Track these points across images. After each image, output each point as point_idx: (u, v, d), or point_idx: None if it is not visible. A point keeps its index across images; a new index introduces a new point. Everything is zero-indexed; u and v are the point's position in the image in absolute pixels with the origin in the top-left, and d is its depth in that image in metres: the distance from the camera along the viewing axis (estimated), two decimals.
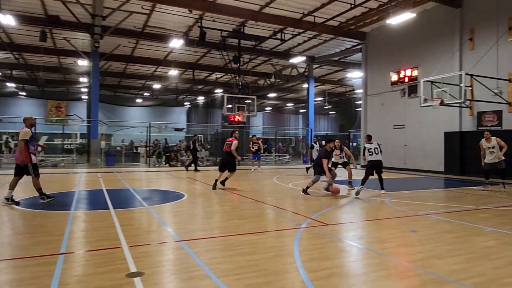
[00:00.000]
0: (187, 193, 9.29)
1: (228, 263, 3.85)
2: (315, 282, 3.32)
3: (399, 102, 18.32)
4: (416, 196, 9.11)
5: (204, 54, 24.28)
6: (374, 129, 19.94)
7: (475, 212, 6.96)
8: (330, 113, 47.63)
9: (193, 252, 4.21)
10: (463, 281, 3.38)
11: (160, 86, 33.72)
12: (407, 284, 3.36)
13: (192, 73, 28.59)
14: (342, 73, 28.63)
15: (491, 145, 9.87)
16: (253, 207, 7.40)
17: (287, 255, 4.15)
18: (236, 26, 19.13)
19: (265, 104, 44.25)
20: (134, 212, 6.87)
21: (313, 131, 25.52)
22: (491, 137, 9.92)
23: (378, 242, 4.80)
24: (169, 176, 14.33)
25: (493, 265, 3.83)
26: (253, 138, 17.75)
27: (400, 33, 17.81)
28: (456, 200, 8.62)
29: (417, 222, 5.99)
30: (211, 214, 6.93)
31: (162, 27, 18.94)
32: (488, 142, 9.87)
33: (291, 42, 20.94)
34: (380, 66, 19.55)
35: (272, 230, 5.57)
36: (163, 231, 5.33)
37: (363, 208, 7.47)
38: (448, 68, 15.17)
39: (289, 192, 10.07)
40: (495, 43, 13.90)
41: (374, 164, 9.37)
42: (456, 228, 5.58)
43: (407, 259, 4.11)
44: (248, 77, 28.32)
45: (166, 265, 3.88)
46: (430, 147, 16.52)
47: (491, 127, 14.17)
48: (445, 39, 15.90)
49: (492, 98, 13.62)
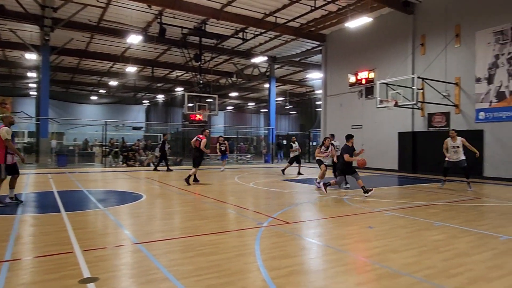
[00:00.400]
0: (145, 194, 9.01)
1: (189, 265, 3.77)
2: (276, 281, 3.33)
3: (357, 103, 18.99)
4: (372, 193, 9.45)
5: (164, 51, 23.73)
6: (333, 129, 20.49)
7: (426, 207, 7.35)
8: (291, 113, 48.40)
9: (152, 254, 4.07)
10: (415, 273, 3.55)
11: (117, 83, 32.42)
12: (364, 279, 3.47)
13: (151, 70, 27.83)
14: (303, 74, 29.18)
15: (456, 144, 9.87)
16: (214, 207, 7.32)
17: (248, 255, 4.13)
18: (197, 24, 18.88)
19: (226, 103, 44.11)
20: (88, 214, 6.55)
21: (274, 131, 25.79)
22: (456, 137, 9.93)
23: (337, 239, 4.92)
24: (126, 177, 13.85)
25: (441, 257, 4.06)
26: (220, 139, 17.73)
27: (358, 37, 18.45)
28: (409, 196, 9.06)
29: (374, 219, 6.22)
30: (170, 215, 6.76)
31: (119, 22, 18.26)
32: (453, 141, 9.88)
33: (253, 42, 21.02)
34: (339, 67, 20.14)
35: (234, 229, 5.54)
36: (120, 234, 5.12)
37: (323, 206, 7.64)
38: (402, 71, 15.93)
39: (251, 191, 10.08)
40: (443, 49, 14.79)
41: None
42: (409, 223, 5.86)
43: (364, 254, 4.25)
44: (209, 75, 28.05)
45: (123, 269, 3.72)
46: (386, 147, 17.28)
47: (440, 127, 15.08)
48: (399, 43, 16.69)
49: (441, 101, 14.49)
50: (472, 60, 13.99)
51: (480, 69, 13.73)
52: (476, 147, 9.98)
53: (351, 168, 9.22)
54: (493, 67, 13.36)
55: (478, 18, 13.75)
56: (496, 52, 13.27)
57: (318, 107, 31.38)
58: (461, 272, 3.60)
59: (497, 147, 13.17)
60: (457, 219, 6.21)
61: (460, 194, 9.49)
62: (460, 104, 14.37)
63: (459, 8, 14.38)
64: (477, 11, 13.80)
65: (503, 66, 13.09)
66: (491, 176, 13.21)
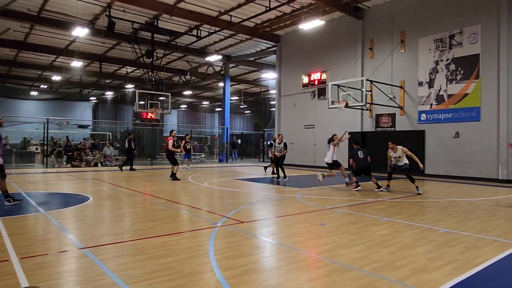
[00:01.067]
0: (92, 195, 8.56)
1: (139, 268, 3.62)
2: (230, 280, 3.31)
3: (310, 103, 19.48)
4: (324, 191, 9.77)
5: (113, 46, 22.70)
6: (287, 128, 20.88)
7: (373, 204, 7.72)
8: (246, 112, 48.58)
9: (99, 259, 3.87)
10: (363, 267, 3.70)
11: (60, 78, 30.41)
12: (316, 275, 3.55)
13: (99, 66, 26.43)
14: (258, 74, 29.37)
15: (397, 155, 9.94)
16: (166, 208, 7.13)
17: (202, 255, 4.06)
18: (149, 19, 18.28)
19: (180, 101, 43.26)
20: (27, 219, 6.08)
21: (228, 130, 25.70)
22: (397, 146, 9.90)
23: (290, 237, 5.00)
24: (71, 178, 13.07)
25: (387, 251, 4.27)
26: (187, 137, 18.02)
27: (311, 39, 18.94)
28: (358, 194, 9.45)
29: (325, 216, 6.41)
30: (120, 217, 6.47)
31: (63, 13, 17.15)
32: (394, 152, 9.92)
33: (208, 40, 20.79)
34: (293, 68, 20.54)
35: (187, 230, 5.42)
36: (64, 239, 4.80)
37: (276, 205, 7.73)
38: (352, 74, 16.61)
39: (205, 191, 9.96)
40: (390, 54, 15.63)
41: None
42: (358, 219, 6.10)
43: (316, 251, 4.36)
44: (162, 73, 27.31)
45: (67, 276, 3.49)
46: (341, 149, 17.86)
47: (386, 128, 15.92)
48: (349, 47, 17.38)
49: (387, 102, 15.31)
50: (415, 65, 14.93)
51: (422, 74, 14.70)
52: (418, 147, 10.65)
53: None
54: (434, 72, 14.36)
55: (421, 26, 14.71)
56: (436, 58, 14.28)
57: (272, 107, 31.80)
58: (405, 264, 3.81)
59: (437, 147, 14.18)
60: (401, 214, 6.58)
61: (404, 191, 10.08)
62: (405, 106, 15.28)
63: (404, 16, 15.28)
64: (420, 19, 14.75)
65: (442, 71, 14.11)
66: (431, 173, 14.19)
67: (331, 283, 3.32)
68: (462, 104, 13.49)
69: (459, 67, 13.62)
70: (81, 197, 8.31)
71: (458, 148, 13.58)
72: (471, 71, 13.27)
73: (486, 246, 4.55)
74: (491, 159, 12.70)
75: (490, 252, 4.26)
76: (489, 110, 12.81)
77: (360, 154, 10.33)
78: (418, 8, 14.84)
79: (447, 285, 3.27)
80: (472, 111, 13.23)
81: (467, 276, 3.51)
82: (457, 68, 13.67)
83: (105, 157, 20.01)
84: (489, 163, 12.75)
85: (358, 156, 10.33)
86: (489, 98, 12.82)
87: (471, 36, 13.30)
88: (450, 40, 13.88)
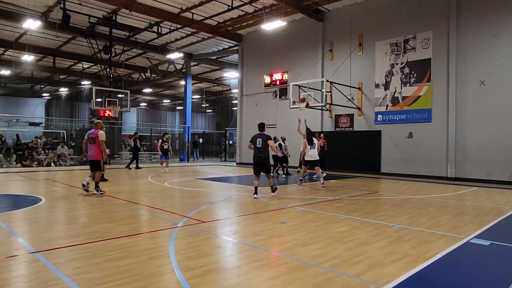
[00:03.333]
0: (45, 196, 8.12)
1: (96, 272, 3.49)
2: (190, 281, 3.27)
3: (272, 103, 19.68)
4: (284, 190, 9.91)
5: (68, 40, 21.63)
6: (249, 128, 20.95)
7: (332, 202, 7.95)
8: (208, 111, 48.14)
9: (52, 263, 3.68)
10: (322, 264, 3.81)
11: (10, 72, 28.54)
12: (276, 272, 3.61)
13: (52, 60, 25.09)
14: (220, 73, 29.23)
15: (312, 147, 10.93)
16: (125, 209, 6.91)
17: (162, 256, 3.99)
18: (107, 14, 17.62)
19: (140, 99, 42.07)
20: None
21: (190, 129, 25.37)
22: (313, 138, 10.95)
23: (251, 236, 5.03)
24: (22, 178, 12.31)
25: (345, 248, 4.42)
26: (165, 136, 15.92)
27: (273, 39, 19.13)
28: (318, 192, 9.70)
29: (286, 214, 6.51)
30: (75, 219, 6.17)
31: (12, 4, 16.09)
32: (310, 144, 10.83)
33: (169, 37, 20.38)
34: (255, 68, 20.64)
35: (146, 231, 5.29)
36: (13, 243, 4.51)
37: (238, 204, 7.74)
38: (313, 74, 16.99)
39: (165, 191, 9.76)
40: (348, 56, 16.15)
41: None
42: (318, 217, 6.26)
43: (277, 249, 4.42)
44: (120, 69, 26.36)
45: (17, 281, 3.28)
46: (297, 145, 18.18)
47: (345, 128, 16.44)
48: (310, 48, 17.75)
49: (346, 103, 15.81)
50: (372, 67, 15.55)
51: (379, 76, 15.34)
52: (374, 146, 11.09)
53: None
54: (389, 74, 15.04)
55: (378, 30, 15.35)
56: (392, 62, 14.96)
57: (234, 106, 31.79)
58: (362, 259, 3.97)
59: (392, 146, 14.87)
60: (359, 211, 6.84)
61: (361, 189, 10.47)
62: (362, 107, 15.87)
63: (362, 20, 15.86)
64: (377, 24, 15.38)
65: (397, 74, 14.81)
66: (387, 172, 14.86)
67: (291, 280, 3.38)
68: (415, 105, 14.24)
69: (412, 71, 14.37)
70: (33, 198, 7.86)
71: (411, 148, 14.32)
72: (424, 75, 14.05)
73: (436, 240, 4.84)
74: (441, 158, 13.52)
75: (440, 246, 4.54)
76: (439, 112, 13.62)
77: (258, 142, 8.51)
78: (375, 13, 15.46)
79: (401, 278, 3.45)
80: (424, 112, 14.01)
81: (419, 269, 3.72)
82: (411, 71, 14.41)
83: (59, 157, 19.02)
84: (439, 162, 13.57)
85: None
86: (439, 100, 13.64)
87: (423, 41, 14.07)
88: (404, 44, 14.60)
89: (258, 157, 8.35)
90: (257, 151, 8.39)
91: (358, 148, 15.86)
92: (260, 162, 8.37)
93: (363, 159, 15.65)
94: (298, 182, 11.29)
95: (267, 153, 8.36)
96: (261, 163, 8.38)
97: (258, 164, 8.41)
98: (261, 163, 8.38)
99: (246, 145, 20.74)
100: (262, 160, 8.35)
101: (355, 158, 15.95)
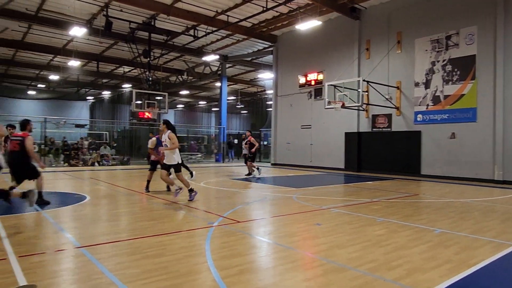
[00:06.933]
0: (89, 194, 8.55)
1: (135, 268, 3.63)
2: (226, 280, 3.32)
3: (306, 103, 19.52)
4: (320, 191, 9.80)
5: (110, 46, 22.65)
6: (283, 128, 20.93)
7: (369, 204, 7.76)
8: (242, 112, 48.57)
9: (96, 258, 3.87)
10: (359, 267, 3.72)
11: (58, 77, 30.34)
12: (311, 274, 3.57)
13: (96, 65, 26.38)
14: (254, 74, 29.39)
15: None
16: (163, 208, 7.14)
17: (198, 255, 4.08)
18: (146, 19, 18.27)
19: (177, 101, 43.22)
20: (24, 218, 6.07)
21: (225, 130, 25.72)
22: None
23: (286, 237, 5.02)
24: (68, 177, 13.04)
25: (383, 251, 4.30)
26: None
27: (308, 39, 18.98)
28: (354, 194, 9.50)
29: (321, 216, 6.43)
30: (116, 216, 6.47)
31: (60, 13, 17.11)
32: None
33: (204, 40, 20.78)
34: (290, 68, 20.57)
35: (183, 230, 5.43)
36: (61, 238, 4.80)
37: (272, 205, 7.76)
38: (348, 74, 16.67)
39: (202, 190, 9.96)
40: (386, 54, 15.69)
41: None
42: (354, 219, 6.14)
43: (312, 251, 4.38)
44: (159, 72, 27.27)
45: (64, 274, 3.49)
46: (333, 146, 17.96)
47: (383, 128, 15.98)
48: (346, 47, 17.43)
49: (384, 103, 15.36)
50: (411, 66, 15.00)
51: (419, 74, 14.77)
52: (414, 147, 10.73)
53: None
54: (430, 73, 14.43)
55: (418, 26, 14.78)
56: (433, 59, 14.35)
57: (269, 107, 31.81)
58: (400, 264, 3.84)
59: (433, 147, 14.26)
60: (397, 214, 6.62)
61: (400, 191, 10.13)
62: (401, 106, 15.35)
63: (401, 17, 15.35)
64: (417, 20, 14.82)
65: (438, 72, 14.18)
66: (427, 174, 14.26)
67: (327, 282, 3.34)
68: (458, 105, 13.57)
69: (455, 68, 13.70)
70: (78, 196, 8.31)
71: (454, 149, 13.65)
72: (467, 72, 13.35)
73: (481, 247, 4.59)
74: (487, 159, 12.78)
75: (485, 253, 4.30)
76: (485, 111, 12.89)
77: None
78: (414, 8, 14.91)
79: (443, 285, 3.30)
80: (468, 112, 13.31)
81: (462, 276, 3.54)
82: (454, 69, 13.74)
83: (102, 157, 19.96)
84: (485, 164, 12.83)
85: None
86: (485, 99, 12.90)
87: (467, 37, 13.38)
88: (446, 41, 13.95)
89: None
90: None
91: (396, 149, 15.36)
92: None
93: (402, 160, 15.12)
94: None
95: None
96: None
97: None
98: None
99: (281, 146, 20.79)
100: None
101: (393, 159, 15.45)
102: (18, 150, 6.80)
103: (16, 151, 6.80)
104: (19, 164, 6.93)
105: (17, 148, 6.80)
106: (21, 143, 6.80)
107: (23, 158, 6.85)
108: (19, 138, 6.88)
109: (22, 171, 6.99)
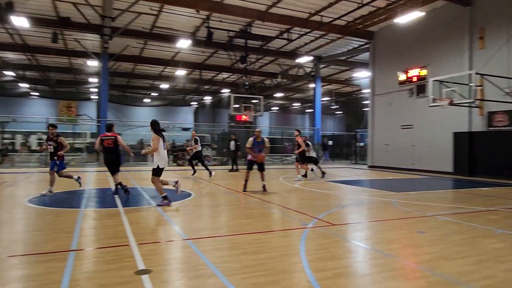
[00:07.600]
0: (194, 192, 9.34)
1: (235, 262, 3.87)
2: (321, 282, 3.33)
3: (407, 102, 18.19)
4: (424, 197, 9.04)
5: (211, 54, 24.36)
6: (381, 129, 19.85)
7: (484, 213, 6.89)
8: (337, 113, 47.41)
9: (200, 250, 4.24)
10: (472, 283, 3.35)
11: (167, 86, 33.93)
12: (414, 286, 3.35)
13: (199, 73, 28.72)
14: (349, 73, 28.51)
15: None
16: (259, 207, 7.42)
17: (293, 255, 4.16)
18: (243, 26, 19.16)
19: (271, 103, 44.24)
20: (142, 210, 6.94)
21: (319, 131, 25.46)
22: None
23: (384, 243, 4.78)
24: (176, 175, 14.41)
25: (503, 268, 3.79)
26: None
27: (409, 32, 17.67)
28: (465, 201, 8.54)
29: (425, 223, 5.95)
30: (217, 213, 6.97)
31: (169, 28, 19.05)
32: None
33: (298, 42, 20.91)
34: (388, 65, 19.43)
35: (278, 229, 5.58)
36: (170, 230, 5.38)
37: (369, 209, 7.44)
38: (457, 68, 15.03)
39: (295, 191, 10.06)
40: (506, 42, 13.72)
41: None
42: (465, 229, 5.53)
43: (414, 260, 4.10)
44: (254, 77, 28.34)
45: (174, 263, 3.92)
46: (439, 148, 16.38)
47: (501, 127, 14.01)
48: (454, 38, 15.75)
49: (503, 98, 13.43)
50: None
51: None
52: None
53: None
54: None
55: None
56: None
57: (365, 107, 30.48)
58: None
59: None
60: None
61: None
62: None
63: None
64: None
65: None
66: None
67: None
68: None
69: None
70: (185, 193, 9.14)
71: None
72: None
73: None
74: None
75: None
76: None
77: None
78: None
79: None
80: None
81: None
82: None
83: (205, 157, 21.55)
84: None
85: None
86: None
87: None
88: None
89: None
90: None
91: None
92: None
93: None
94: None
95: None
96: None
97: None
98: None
99: (378, 147, 19.75)
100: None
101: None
102: (112, 147, 8.46)
103: (112, 147, 8.44)
104: (115, 158, 8.63)
105: (112, 145, 8.45)
106: (114, 141, 8.44)
107: (117, 153, 8.59)
108: (112, 138, 8.47)
109: (117, 163, 8.70)
